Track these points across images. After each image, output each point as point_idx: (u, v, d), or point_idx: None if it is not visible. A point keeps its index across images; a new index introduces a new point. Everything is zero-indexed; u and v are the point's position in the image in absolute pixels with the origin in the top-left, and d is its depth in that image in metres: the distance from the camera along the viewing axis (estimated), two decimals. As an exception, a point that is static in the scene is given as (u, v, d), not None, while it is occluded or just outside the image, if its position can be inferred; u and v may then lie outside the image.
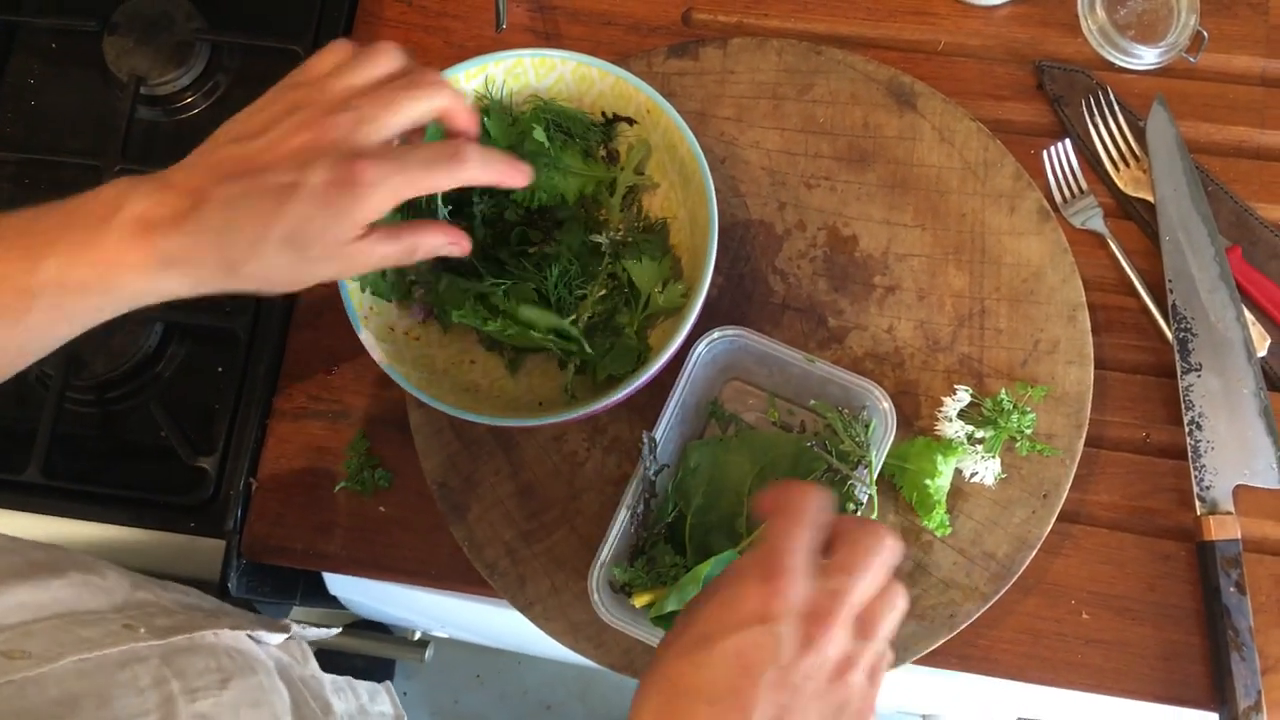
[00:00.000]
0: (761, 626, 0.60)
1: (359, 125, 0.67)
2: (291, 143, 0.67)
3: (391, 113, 0.69)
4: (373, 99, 0.69)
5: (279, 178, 0.66)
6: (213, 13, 1.04)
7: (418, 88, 0.70)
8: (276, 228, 0.66)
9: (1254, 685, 0.84)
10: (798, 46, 0.96)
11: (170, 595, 0.84)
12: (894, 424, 0.82)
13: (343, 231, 0.67)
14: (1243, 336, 0.90)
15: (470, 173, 0.71)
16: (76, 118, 1.05)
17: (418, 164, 0.68)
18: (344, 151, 0.66)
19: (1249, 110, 0.96)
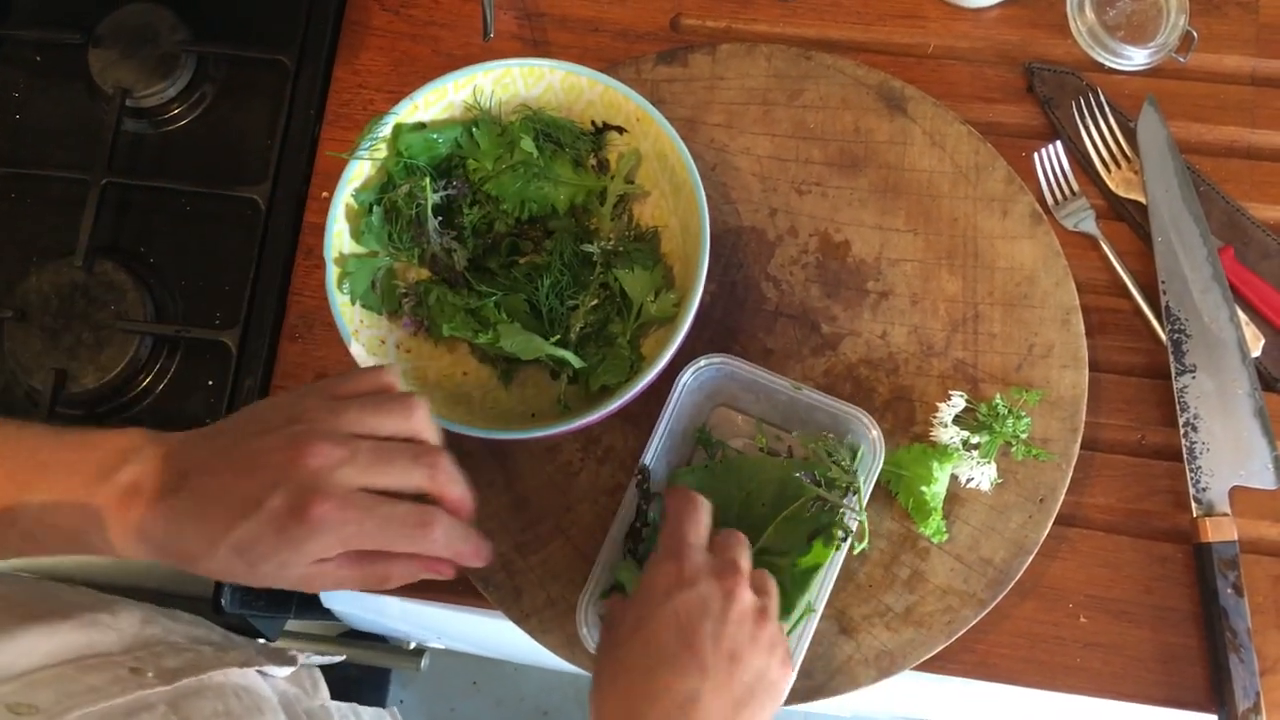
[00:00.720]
0: (685, 590, 0.70)
1: (341, 465, 0.66)
2: (275, 457, 0.66)
3: (380, 468, 0.67)
4: (372, 448, 0.67)
5: (246, 489, 0.65)
6: (198, 24, 1.03)
7: (424, 459, 0.69)
8: (230, 537, 0.65)
9: (1253, 687, 0.84)
10: (787, 52, 0.95)
11: (180, 627, 0.83)
12: (882, 451, 0.82)
13: (291, 559, 0.65)
14: (1236, 337, 0.90)
15: (432, 548, 0.69)
16: (62, 131, 1.04)
17: (378, 521, 0.66)
18: (310, 486, 0.65)
19: (1239, 110, 0.96)
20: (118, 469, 0.66)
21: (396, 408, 0.70)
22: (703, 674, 0.68)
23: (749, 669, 0.70)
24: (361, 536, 0.66)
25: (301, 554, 0.65)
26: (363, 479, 0.66)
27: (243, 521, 0.64)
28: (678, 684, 0.68)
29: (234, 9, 1.06)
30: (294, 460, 0.65)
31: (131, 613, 0.80)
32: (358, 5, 1.04)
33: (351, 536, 0.66)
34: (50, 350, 0.95)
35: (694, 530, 0.74)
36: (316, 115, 1.01)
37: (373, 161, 0.85)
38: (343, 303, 0.83)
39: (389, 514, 0.67)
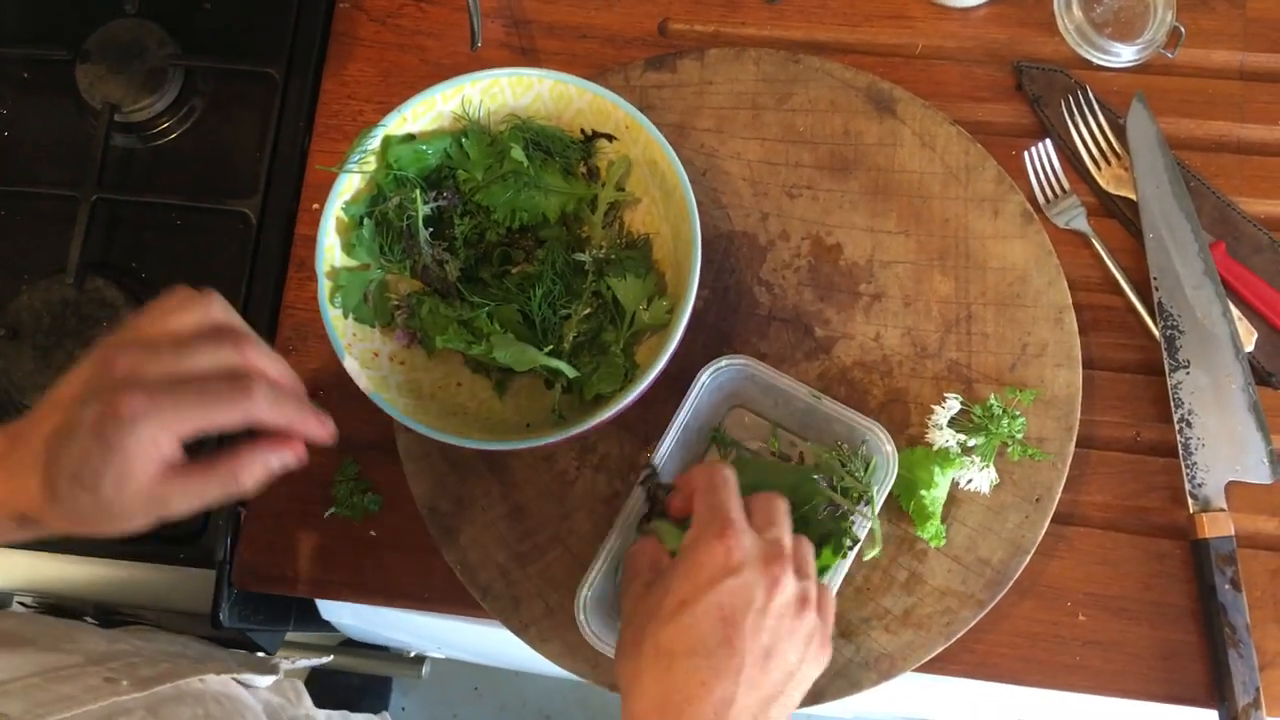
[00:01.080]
0: (732, 578, 0.68)
1: (145, 363, 0.65)
2: (78, 381, 0.66)
3: (184, 354, 0.67)
4: (174, 341, 0.67)
5: (59, 420, 0.65)
6: (186, 38, 1.03)
7: (229, 338, 0.69)
8: (61, 466, 0.64)
9: (1252, 682, 0.84)
10: (775, 56, 0.95)
11: (154, 645, 0.83)
12: (895, 466, 0.82)
13: (124, 467, 0.64)
14: (1229, 332, 0.90)
15: (257, 412, 0.68)
16: (52, 147, 1.04)
17: (194, 395, 0.65)
18: (117, 386, 0.64)
19: (1228, 104, 0.96)
20: None
21: (187, 300, 0.70)
22: (739, 671, 0.67)
23: (782, 665, 0.69)
24: (180, 417, 0.65)
25: (130, 458, 0.64)
26: (169, 368, 0.66)
27: (66, 447, 0.64)
28: (716, 686, 0.67)
29: (221, 22, 1.06)
30: (97, 374, 0.65)
31: (97, 637, 0.80)
32: (345, 16, 1.04)
33: (170, 420, 0.64)
34: (43, 369, 0.95)
35: (735, 503, 0.72)
36: (306, 127, 1.01)
37: (362, 174, 0.85)
38: (335, 316, 0.83)
39: (203, 385, 0.66)
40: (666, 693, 0.67)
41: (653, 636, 0.69)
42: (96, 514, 0.65)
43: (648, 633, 0.69)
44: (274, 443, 0.70)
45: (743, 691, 0.67)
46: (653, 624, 0.69)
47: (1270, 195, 0.94)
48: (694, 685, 0.67)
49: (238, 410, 0.67)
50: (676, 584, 0.69)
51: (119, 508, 0.65)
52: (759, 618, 0.68)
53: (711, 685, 0.67)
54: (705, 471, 0.74)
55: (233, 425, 0.67)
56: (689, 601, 0.68)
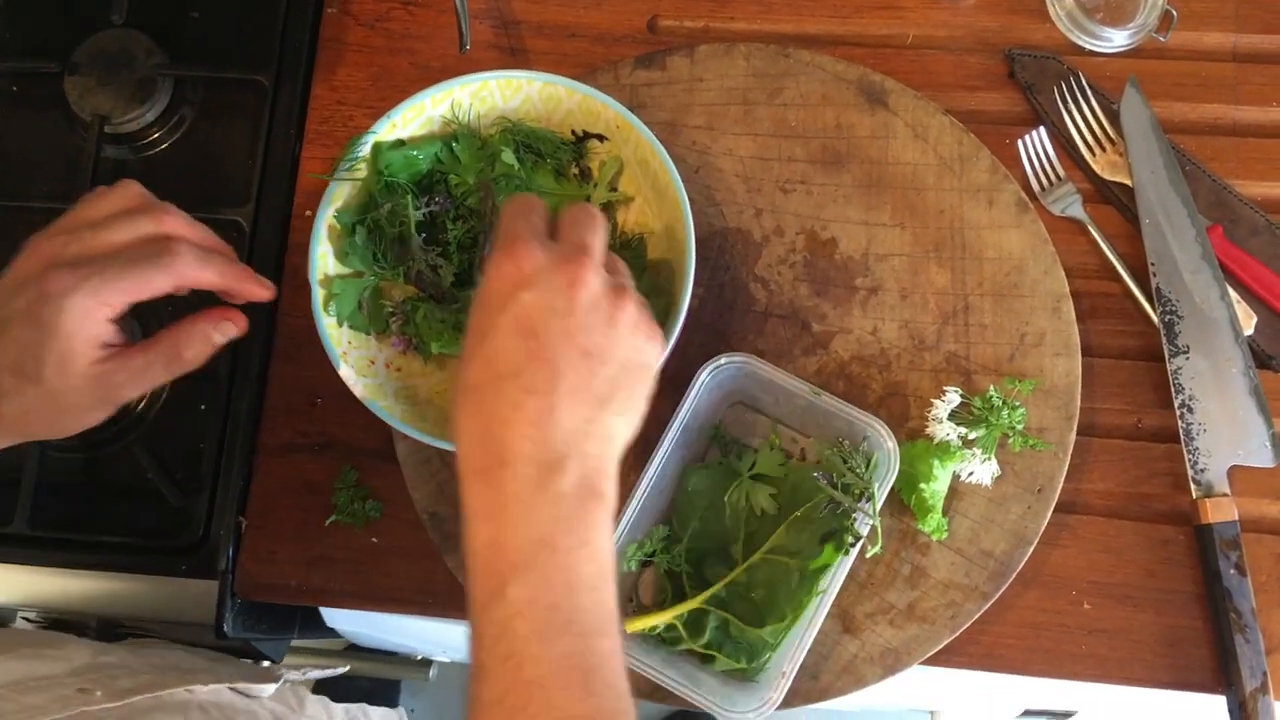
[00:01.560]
0: (525, 291, 0.63)
1: (65, 246, 0.66)
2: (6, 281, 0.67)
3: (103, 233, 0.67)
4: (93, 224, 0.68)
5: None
6: (174, 48, 1.03)
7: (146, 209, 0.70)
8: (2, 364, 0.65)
9: (1259, 666, 0.84)
10: (765, 50, 0.95)
11: (144, 657, 0.83)
12: (897, 461, 0.82)
13: (64, 347, 0.65)
14: (1228, 316, 0.90)
15: (186, 270, 0.68)
16: (42, 160, 1.04)
17: (118, 264, 0.66)
18: (45, 269, 0.65)
19: (1222, 87, 0.96)
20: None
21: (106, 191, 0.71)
22: (555, 380, 0.62)
23: (610, 360, 0.64)
24: (108, 286, 0.65)
25: (66, 336, 0.64)
26: (90, 248, 0.67)
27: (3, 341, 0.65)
28: (528, 402, 0.62)
29: (209, 31, 1.06)
30: (22, 268, 0.66)
31: (82, 647, 0.80)
32: (333, 22, 1.03)
33: (98, 290, 0.65)
34: (40, 383, 0.95)
35: (526, 222, 0.66)
36: (297, 134, 1.01)
37: (353, 182, 0.85)
38: (329, 324, 0.83)
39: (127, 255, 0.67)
40: (484, 425, 0.62)
41: (462, 379, 0.64)
42: (45, 408, 0.66)
43: (459, 376, 0.64)
44: (212, 313, 0.71)
45: (563, 399, 0.62)
46: (460, 368, 0.65)
47: (1266, 177, 0.94)
48: (506, 409, 0.62)
49: (165, 273, 0.67)
50: (474, 319, 0.65)
51: (66, 397, 0.66)
52: (565, 320, 0.63)
53: (524, 403, 0.61)
54: (509, 205, 0.68)
55: (163, 290, 0.68)
56: (486, 329, 0.63)
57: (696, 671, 0.83)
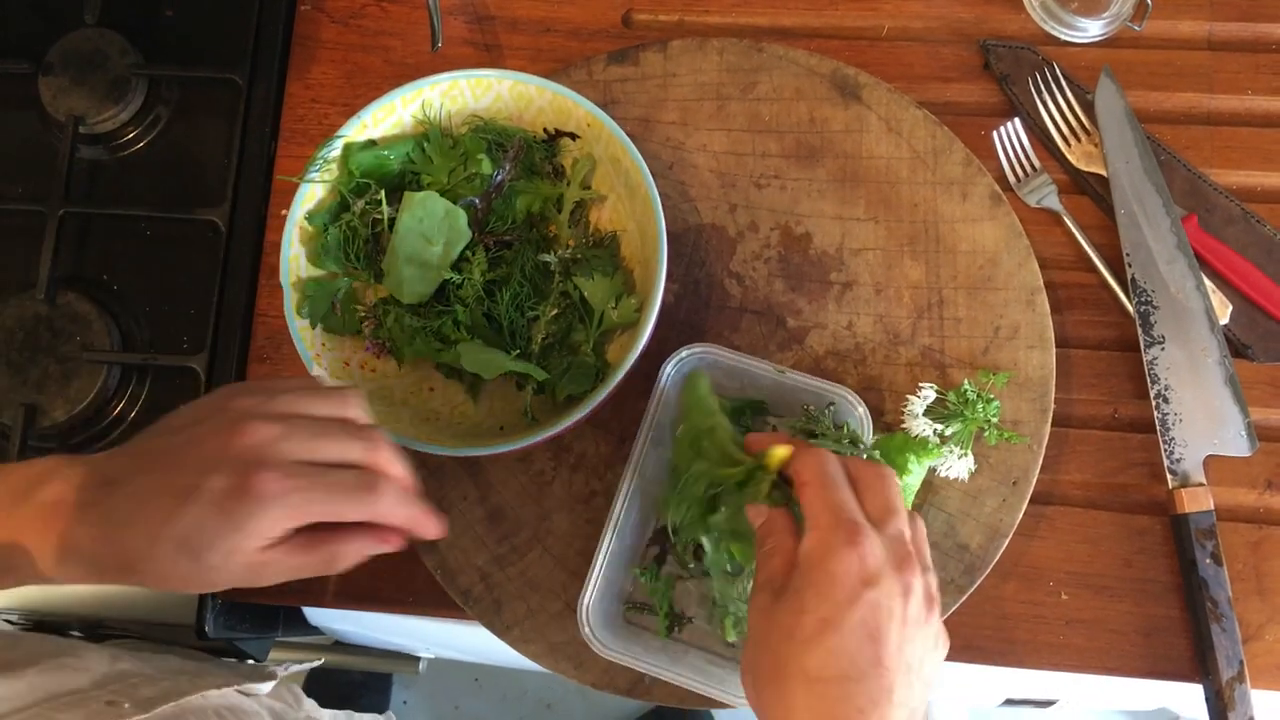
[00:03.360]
0: (870, 590, 0.64)
1: (279, 440, 0.64)
2: (208, 444, 0.64)
3: (319, 442, 0.66)
4: (308, 423, 0.66)
5: (184, 478, 0.63)
6: (148, 47, 1.02)
7: (361, 434, 0.68)
8: (172, 529, 0.63)
9: (1236, 655, 0.84)
10: (738, 45, 0.94)
11: (154, 660, 0.83)
12: (870, 426, 0.82)
13: (239, 542, 0.63)
14: (1204, 305, 0.90)
15: (383, 510, 0.67)
16: (16, 162, 1.03)
17: (324, 487, 0.65)
18: (250, 461, 0.63)
19: (1196, 75, 0.95)
20: (35, 490, 0.64)
21: (330, 394, 0.69)
22: (891, 693, 0.64)
23: (923, 675, 0.66)
24: (308, 506, 0.64)
25: (248, 535, 0.63)
26: (301, 452, 0.65)
27: (183, 510, 0.62)
28: (872, 711, 0.63)
29: (183, 30, 1.05)
30: (230, 441, 0.64)
31: (98, 653, 0.80)
32: (307, 19, 1.03)
33: (298, 506, 0.64)
34: (18, 385, 0.95)
35: (853, 499, 0.68)
36: (272, 132, 1.00)
37: (325, 184, 0.85)
38: (302, 327, 0.83)
39: (334, 480, 0.66)
40: None
41: (797, 661, 0.64)
42: (187, 578, 0.65)
43: (789, 657, 0.65)
44: (378, 533, 0.69)
45: (896, 711, 0.64)
46: (793, 647, 0.65)
47: (1241, 165, 0.94)
48: (852, 713, 0.63)
49: (363, 508, 0.67)
50: (812, 601, 0.65)
51: (211, 576, 0.65)
52: (900, 629, 0.65)
53: (868, 711, 0.63)
54: (814, 462, 0.69)
55: (352, 519, 0.67)
56: (831, 621, 0.64)
57: (704, 665, 0.83)
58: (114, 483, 0.64)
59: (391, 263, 0.84)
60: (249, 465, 0.63)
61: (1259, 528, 0.88)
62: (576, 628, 0.80)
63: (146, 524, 0.63)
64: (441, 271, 0.84)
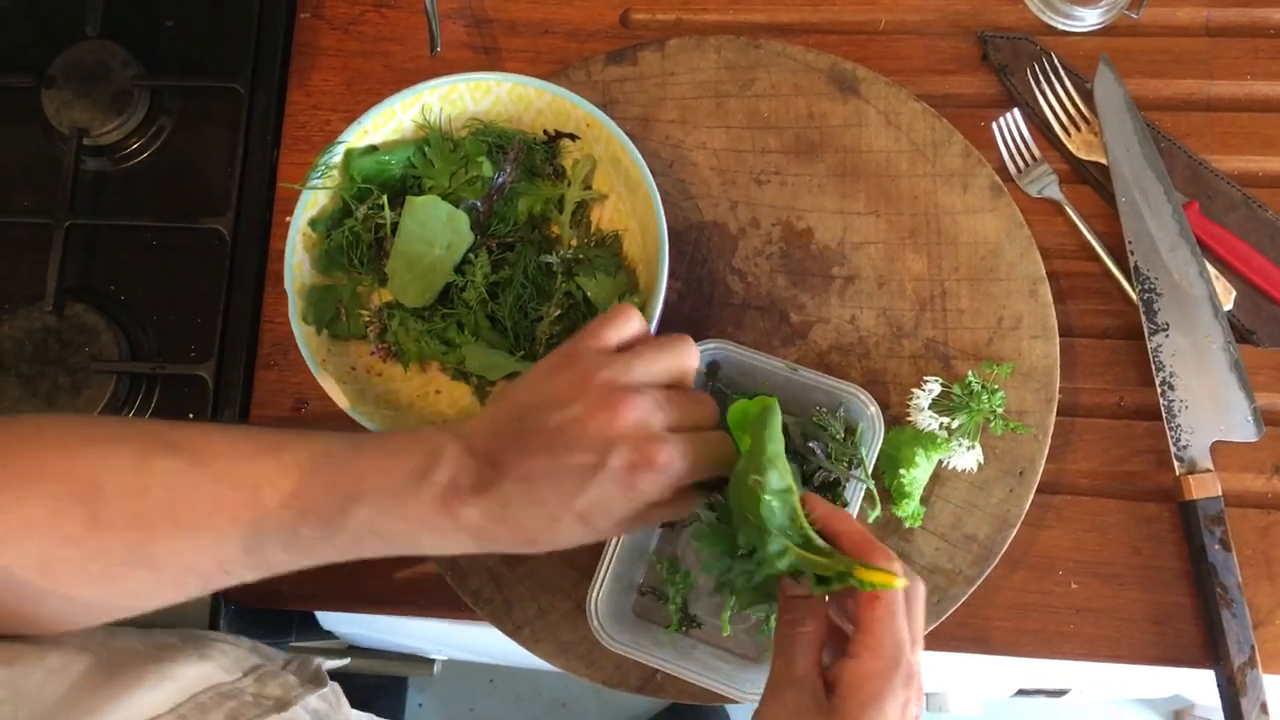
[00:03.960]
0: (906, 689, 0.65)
1: (655, 411, 0.69)
2: (592, 424, 0.68)
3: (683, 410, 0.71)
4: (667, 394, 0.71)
5: (581, 458, 0.67)
6: (149, 58, 1.03)
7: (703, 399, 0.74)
8: (574, 506, 0.67)
9: (1247, 640, 0.84)
10: (736, 42, 0.95)
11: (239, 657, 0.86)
12: (881, 426, 0.82)
13: (635, 509, 0.69)
14: (1207, 292, 0.90)
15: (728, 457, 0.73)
16: (21, 175, 1.04)
17: (701, 453, 0.70)
18: (641, 437, 0.68)
19: (1195, 62, 0.95)
20: (430, 471, 0.68)
21: (669, 347, 0.73)
22: None
23: None
24: (693, 471, 0.69)
25: (641, 502, 0.68)
26: (676, 421, 0.70)
27: (588, 488, 0.67)
28: None
29: (184, 40, 1.06)
30: (613, 420, 0.68)
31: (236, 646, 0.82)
32: (306, 27, 1.03)
33: (686, 472, 0.69)
34: (27, 397, 0.96)
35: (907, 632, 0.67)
36: (274, 140, 1.01)
37: (326, 190, 0.85)
38: (307, 333, 0.83)
39: (709, 445, 0.71)
40: None
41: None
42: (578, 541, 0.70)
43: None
44: None
45: None
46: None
47: (1242, 151, 0.94)
48: None
49: (722, 467, 0.72)
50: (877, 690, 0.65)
51: (599, 536, 0.70)
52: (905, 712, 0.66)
53: None
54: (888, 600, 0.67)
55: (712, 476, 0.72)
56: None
57: (712, 660, 0.83)
58: (503, 467, 0.68)
59: (395, 267, 0.84)
60: (644, 442, 0.67)
61: (1267, 513, 0.88)
62: (587, 626, 0.81)
63: (547, 507, 0.68)
64: (445, 275, 0.85)
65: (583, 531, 0.69)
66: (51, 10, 1.07)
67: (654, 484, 0.68)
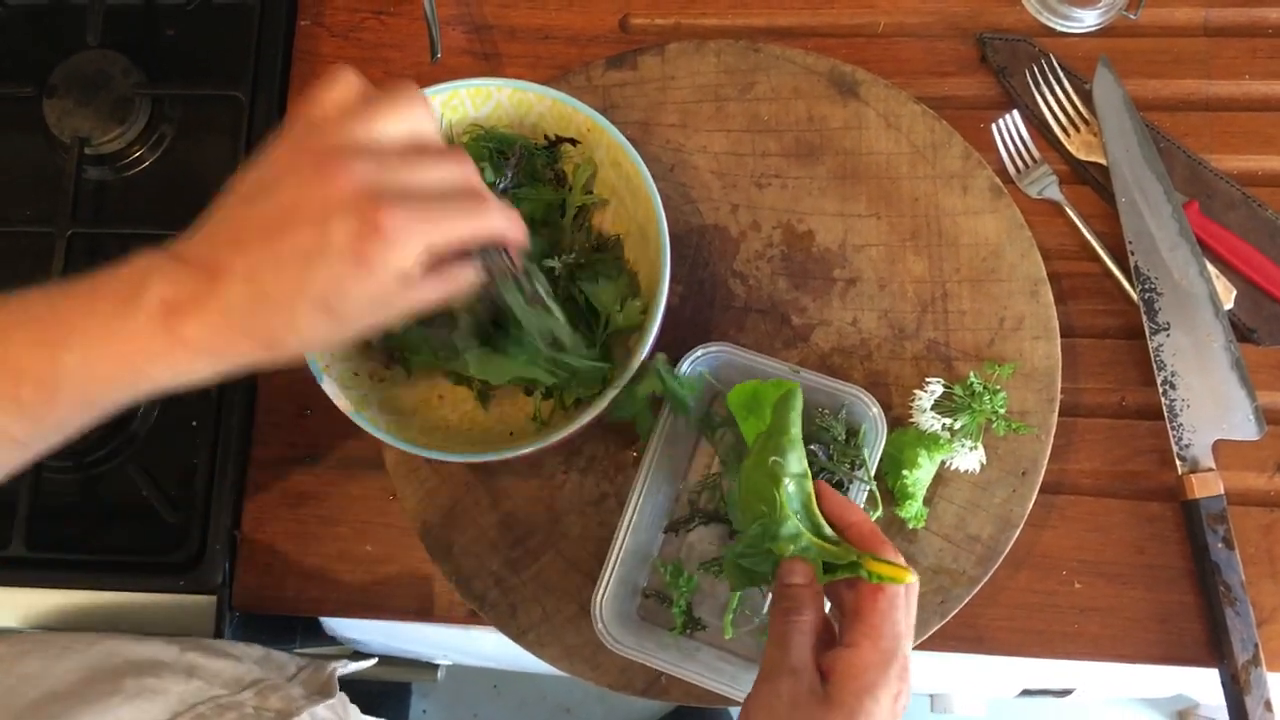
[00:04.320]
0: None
1: (380, 173, 0.61)
2: (308, 195, 0.60)
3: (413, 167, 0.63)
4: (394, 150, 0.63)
5: (300, 238, 0.60)
6: (150, 66, 1.03)
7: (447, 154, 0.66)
8: (307, 294, 0.60)
9: (1250, 639, 0.84)
10: (735, 46, 0.95)
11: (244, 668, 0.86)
12: (884, 428, 0.82)
13: (377, 284, 0.61)
14: (1208, 291, 0.90)
15: (494, 223, 0.66)
16: (23, 184, 1.04)
17: (440, 208, 0.62)
18: (364, 200, 0.60)
19: (1194, 62, 0.96)
20: (139, 293, 0.61)
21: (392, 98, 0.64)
22: None
23: None
24: (434, 232, 0.62)
25: (388, 275, 0.61)
26: (406, 181, 0.62)
27: (313, 272, 0.60)
28: None
29: (185, 48, 1.06)
30: (331, 187, 0.60)
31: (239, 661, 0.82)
32: (307, 34, 1.04)
33: (425, 234, 0.61)
34: (32, 406, 0.96)
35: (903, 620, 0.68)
36: (275, 147, 1.01)
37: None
38: (311, 340, 0.83)
39: (447, 199, 0.63)
40: None
41: None
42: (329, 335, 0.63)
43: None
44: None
45: None
46: None
47: (1241, 150, 0.94)
48: None
49: (479, 223, 0.65)
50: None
51: (355, 325, 0.63)
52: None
53: None
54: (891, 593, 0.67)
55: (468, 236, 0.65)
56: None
57: (716, 661, 0.83)
58: (218, 269, 0.61)
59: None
60: (365, 204, 0.59)
61: (1270, 511, 0.88)
62: (592, 630, 0.81)
63: (277, 300, 0.60)
64: None
65: (328, 323, 0.61)
66: (53, 20, 1.07)
67: (390, 254, 0.60)
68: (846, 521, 0.68)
